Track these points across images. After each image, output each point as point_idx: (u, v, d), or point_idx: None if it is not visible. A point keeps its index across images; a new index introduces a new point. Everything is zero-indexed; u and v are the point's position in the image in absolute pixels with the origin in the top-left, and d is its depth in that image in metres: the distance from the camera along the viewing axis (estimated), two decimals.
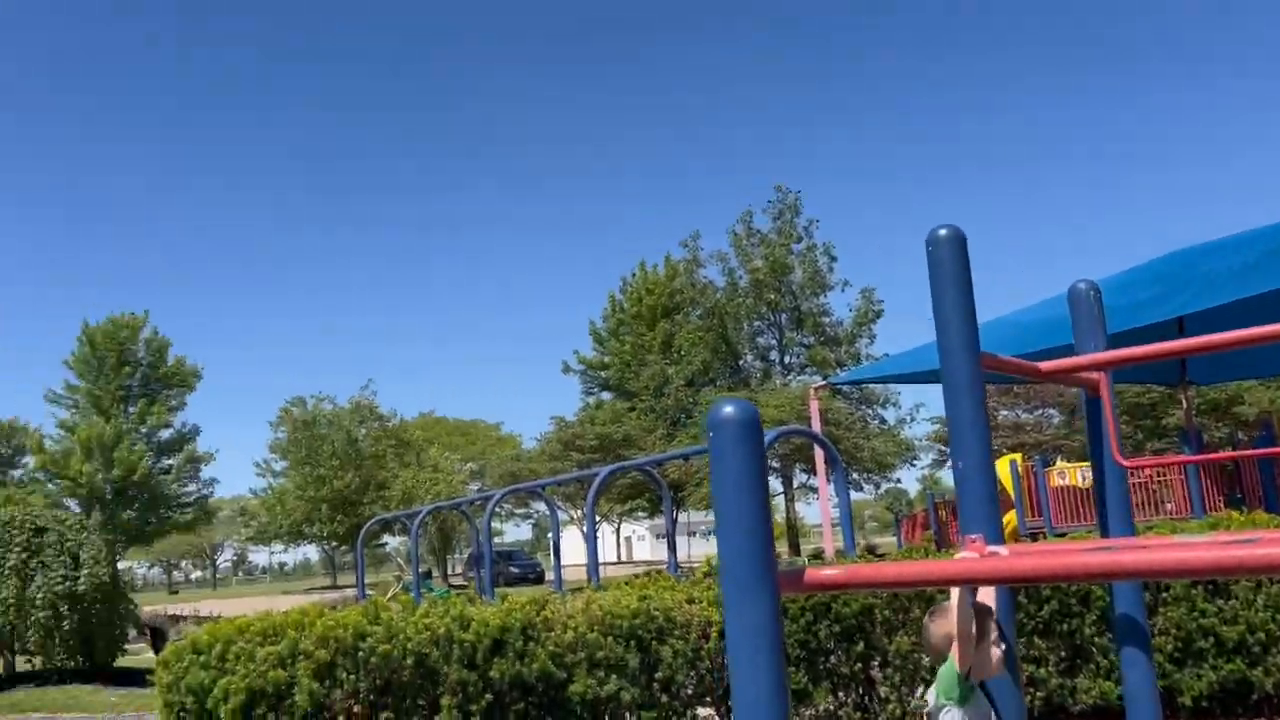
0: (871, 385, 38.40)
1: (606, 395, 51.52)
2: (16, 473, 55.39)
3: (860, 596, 6.62)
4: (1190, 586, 6.68)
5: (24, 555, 14.49)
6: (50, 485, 48.01)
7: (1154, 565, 1.98)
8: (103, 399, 48.85)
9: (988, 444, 3.38)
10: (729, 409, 2.45)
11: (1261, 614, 6.62)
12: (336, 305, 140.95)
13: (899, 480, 42.33)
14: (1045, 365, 3.97)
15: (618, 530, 66.33)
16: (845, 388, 39.56)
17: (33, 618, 14.10)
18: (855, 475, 38.78)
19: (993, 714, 2.72)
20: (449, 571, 55.44)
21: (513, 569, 46.60)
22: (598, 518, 42.23)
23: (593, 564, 17.23)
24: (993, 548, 2.83)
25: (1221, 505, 16.27)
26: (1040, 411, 41.22)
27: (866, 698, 6.72)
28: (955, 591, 2.62)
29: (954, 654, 2.63)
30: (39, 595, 14.16)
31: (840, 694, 6.72)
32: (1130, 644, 4.16)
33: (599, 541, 29.42)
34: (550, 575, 38.60)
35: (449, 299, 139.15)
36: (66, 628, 14.42)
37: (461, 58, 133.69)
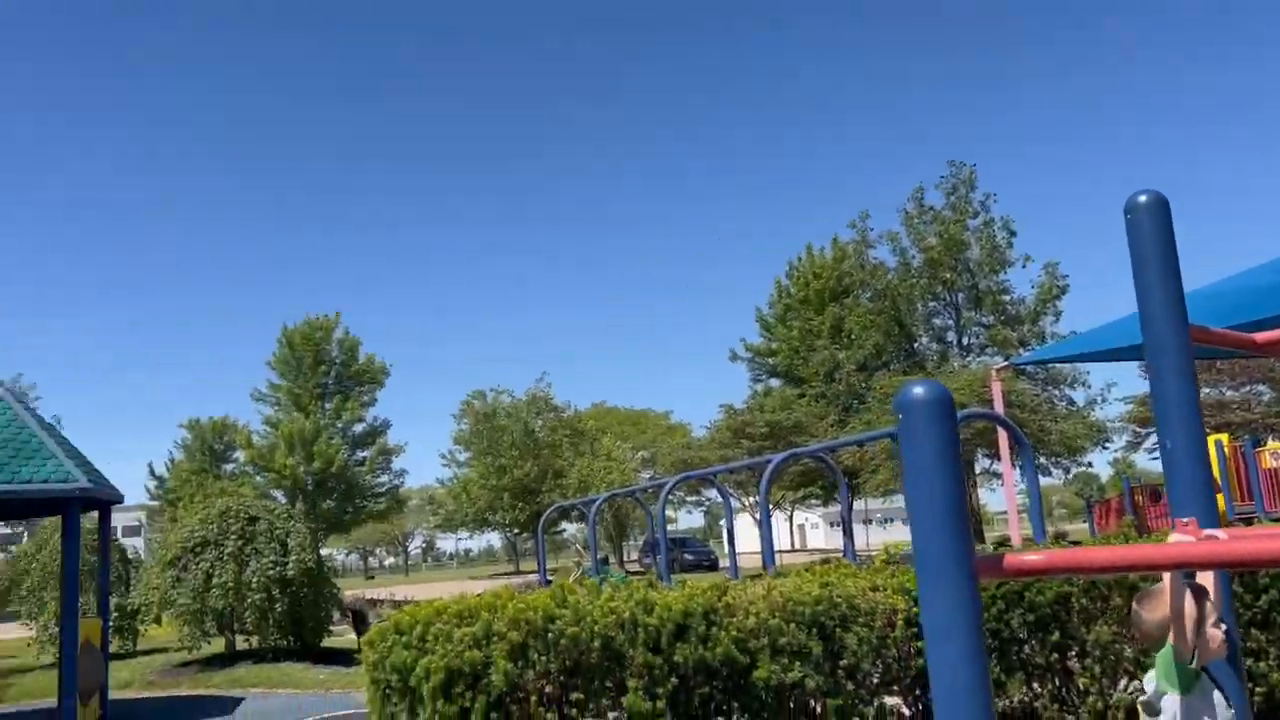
0: (1058, 365, 36.58)
1: (775, 382, 51.11)
2: (229, 466, 59.91)
3: (1055, 584, 6.34)
4: None
5: (240, 542, 15.71)
6: (258, 478, 51.74)
7: None
8: (302, 396, 52.20)
9: (1198, 422, 3.17)
10: (919, 390, 2.38)
11: None
12: (512, 302, 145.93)
13: (1089, 464, 39.97)
14: (1261, 336, 3.69)
15: (790, 518, 65.78)
16: (1029, 368, 37.82)
17: (249, 600, 15.27)
18: (1042, 459, 37.06)
19: (1220, 698, 2.55)
20: (624, 558, 56.48)
21: (687, 556, 46.96)
22: (770, 505, 42.06)
23: (768, 551, 17.17)
24: (1209, 531, 2.65)
25: None
26: (1248, 388, 38.25)
27: (1064, 689, 6.43)
28: (1168, 576, 2.47)
29: (1172, 640, 2.49)
30: (254, 579, 15.31)
31: (1035, 685, 6.47)
32: None
33: (772, 529, 29.31)
34: (724, 563, 38.72)
35: (618, 292, 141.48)
36: (278, 610, 15.55)
37: (620, 48, 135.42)
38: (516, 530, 58.43)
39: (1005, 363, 25.35)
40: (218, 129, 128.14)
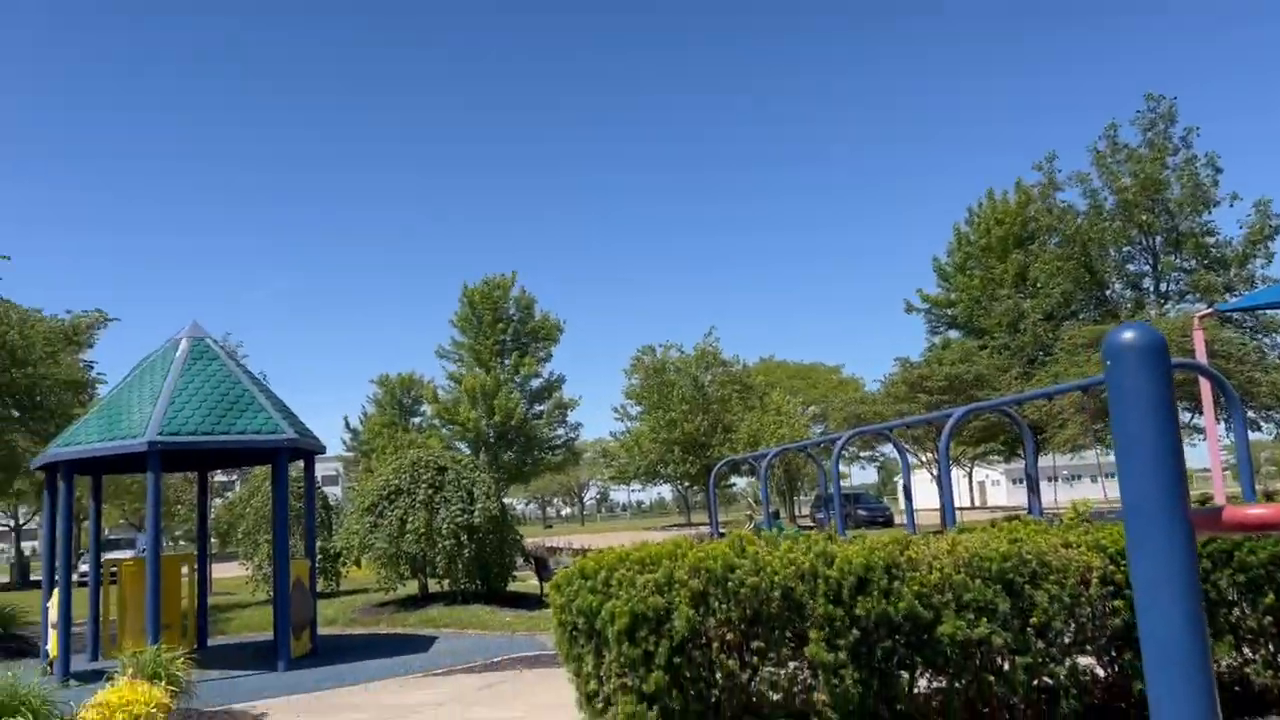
0: (1269, 311, 33.72)
1: (954, 334, 49.34)
2: (416, 419, 63.09)
3: (1270, 543, 5.92)
4: None
5: (430, 491, 16.55)
6: (444, 430, 54.26)
7: None
8: (482, 352, 54.26)
9: None
10: (1129, 334, 2.26)
11: None
12: (681, 258, 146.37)
13: None
14: None
15: (970, 474, 63.71)
16: (1236, 315, 35.02)
17: (439, 545, 16.11)
18: (1250, 413, 34.40)
19: None
20: (795, 513, 56.28)
21: (860, 512, 46.35)
22: (949, 461, 40.84)
23: (949, 507, 16.73)
24: None
25: None
26: None
27: (1278, 654, 6.01)
28: None
29: None
30: (443, 526, 16.13)
31: (1246, 650, 6.08)
32: None
33: (952, 485, 28.44)
34: (900, 519, 37.93)
35: (786, 244, 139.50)
36: (466, 555, 16.34)
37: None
38: (687, 483, 59.19)
39: (1209, 309, 23.55)
40: (407, 85, 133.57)
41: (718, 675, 5.36)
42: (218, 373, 11.72)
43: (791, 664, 5.56)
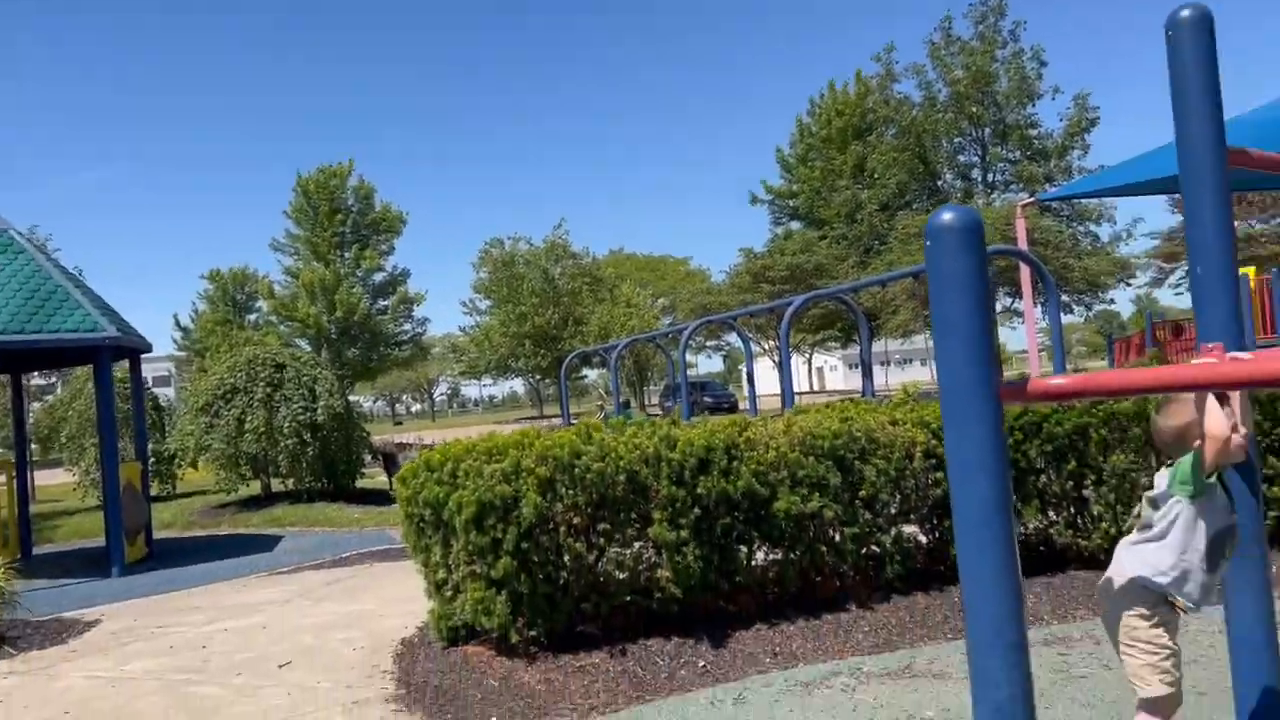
0: (1084, 201, 35.88)
1: (796, 225, 50.56)
2: (252, 317, 60.53)
3: (1074, 415, 6.40)
4: None
5: (268, 389, 16.00)
6: (282, 327, 52.31)
7: None
8: (320, 245, 52.13)
9: (1231, 247, 3.11)
10: (948, 215, 2.34)
11: None
12: (527, 149, 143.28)
13: (1111, 301, 39.78)
14: None
15: (809, 360, 66.28)
16: (1054, 205, 37.12)
17: (281, 444, 15.68)
18: (1065, 297, 36.81)
19: (1229, 507, 2.61)
20: (646, 402, 57.40)
21: (707, 399, 47.62)
22: (789, 348, 42.16)
23: (788, 391, 17.39)
24: (1234, 354, 2.64)
25: None
26: (1277, 221, 37.49)
27: (1079, 516, 6.58)
28: (1204, 399, 2.49)
29: (1206, 451, 2.54)
30: (285, 424, 15.68)
31: (1051, 512, 6.62)
32: None
33: (792, 371, 29.52)
34: (744, 405, 39.21)
35: (634, 136, 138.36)
36: (310, 453, 15.97)
37: None
38: (539, 376, 59.37)
39: (1031, 199, 24.86)
40: None
41: (566, 558, 5.48)
42: (25, 267, 10.84)
43: (637, 544, 5.73)
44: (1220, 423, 2.48)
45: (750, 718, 4.57)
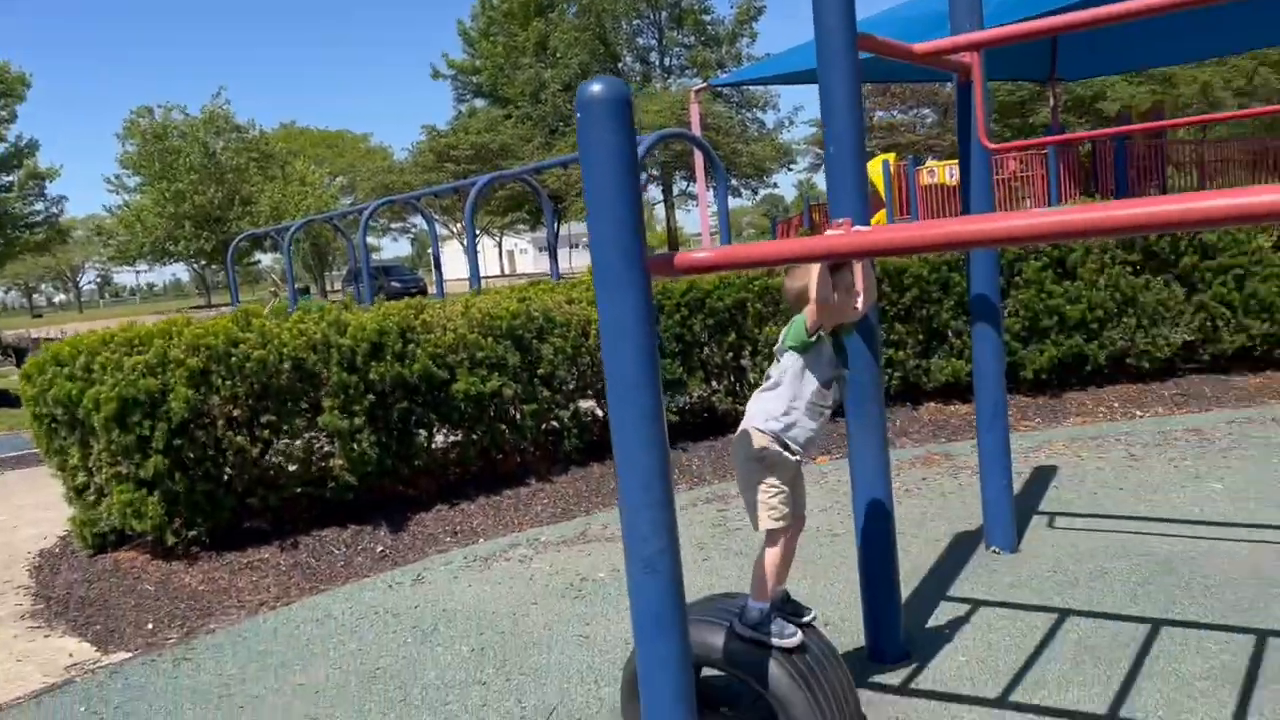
0: (752, 88, 37.79)
1: (480, 102, 49.39)
2: None
3: (734, 291, 6.81)
4: (1042, 269, 7.08)
5: None
6: None
7: (999, 232, 2.02)
8: None
9: (860, 128, 3.36)
10: (597, 86, 2.32)
11: (1102, 293, 7.11)
12: (182, 4, 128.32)
13: (776, 185, 42.87)
14: (920, 46, 3.90)
15: (499, 244, 66.03)
16: (725, 91, 38.82)
17: None
18: (734, 181, 39.00)
19: (835, 362, 2.88)
20: (327, 289, 54.87)
21: (394, 284, 46.18)
22: (478, 231, 41.56)
23: (474, 274, 17.21)
24: (859, 227, 2.87)
25: (1078, 197, 17.09)
26: (914, 111, 41.54)
27: (737, 384, 7.09)
28: (816, 266, 2.68)
29: (808, 312, 2.76)
30: None
31: (713, 382, 7.07)
32: (982, 322, 4.42)
33: (480, 255, 29.22)
34: (433, 289, 38.50)
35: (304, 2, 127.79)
36: None
37: None
38: (203, 262, 54.65)
39: (703, 84, 25.80)
40: None
41: (228, 453, 5.14)
42: None
43: (308, 434, 5.49)
44: (821, 287, 2.69)
45: (429, 596, 4.59)
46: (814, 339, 2.81)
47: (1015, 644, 3.48)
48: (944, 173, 19.13)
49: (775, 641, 2.81)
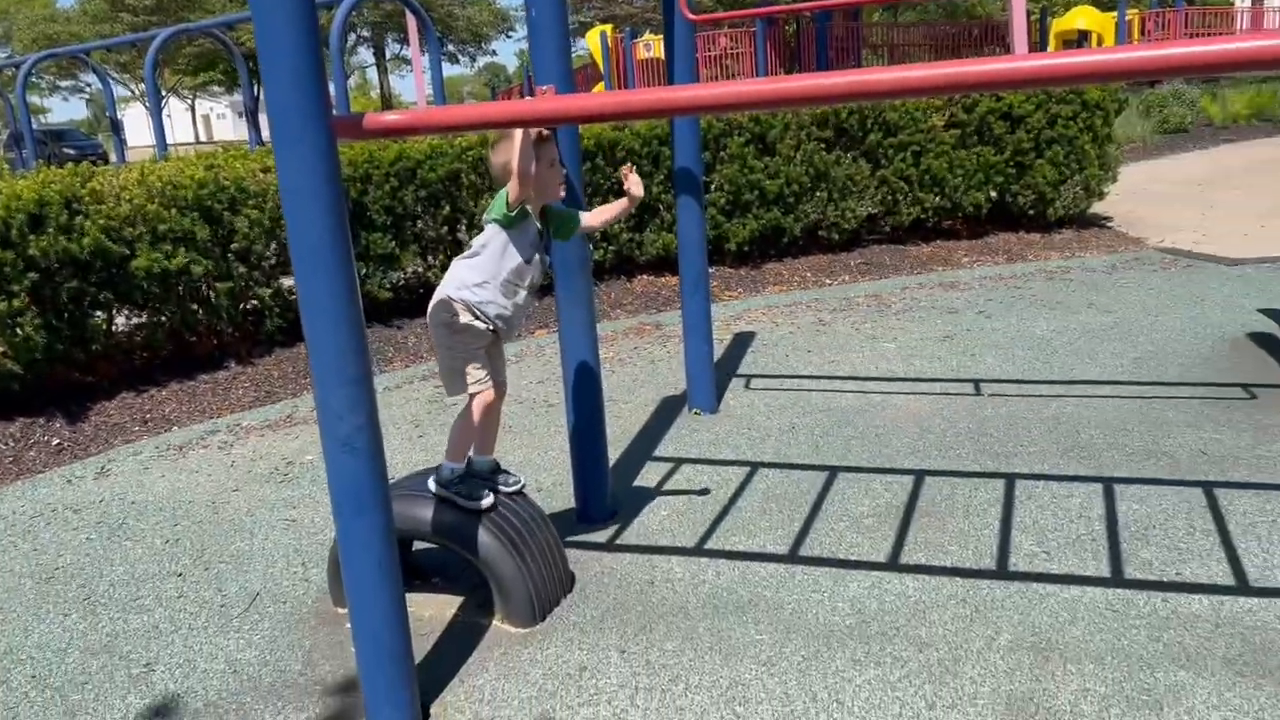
0: None
1: None
2: None
3: (446, 162, 6.60)
4: (744, 144, 7.37)
5: None
6: None
7: (691, 100, 2.05)
8: None
9: None
10: None
11: (798, 169, 7.53)
12: None
13: (495, 53, 41.65)
14: None
15: (191, 107, 60.09)
16: None
17: None
18: (451, 47, 37.48)
19: (537, 243, 2.87)
20: None
21: (68, 150, 40.95)
22: (165, 93, 37.58)
23: (160, 139, 15.61)
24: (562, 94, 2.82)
25: (783, 73, 17.88)
26: None
27: (454, 258, 6.94)
28: (519, 132, 2.62)
29: (511, 185, 2.71)
30: None
31: (429, 257, 6.89)
32: (685, 194, 4.55)
33: (169, 120, 26.45)
34: (115, 158, 34.59)
35: None
36: None
37: None
38: None
39: None
40: None
41: None
42: None
43: None
44: (523, 158, 2.64)
45: (115, 489, 4.25)
46: (516, 214, 2.76)
47: (712, 497, 3.73)
48: (660, 46, 19.33)
49: (462, 503, 2.85)
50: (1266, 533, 3.12)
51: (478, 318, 2.81)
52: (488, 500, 2.86)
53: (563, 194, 2.90)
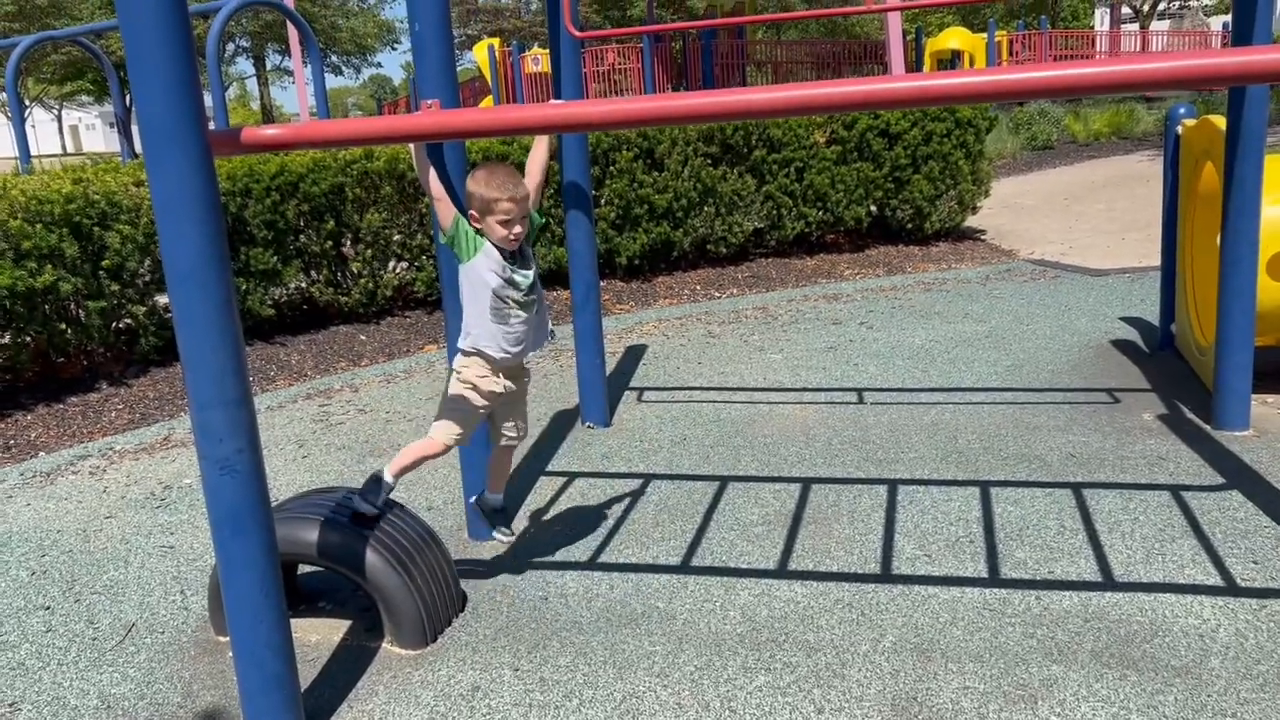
0: None
1: None
2: None
3: (330, 175, 6.47)
4: (633, 159, 7.43)
5: None
6: None
7: (575, 117, 2.07)
8: None
9: (446, 4, 3.25)
10: None
11: (686, 183, 7.63)
12: None
13: (381, 65, 40.99)
14: None
15: (58, 117, 57.38)
16: None
17: None
18: (334, 58, 36.75)
19: (504, 265, 2.76)
20: None
21: None
22: (28, 102, 35.80)
23: (23, 151, 14.88)
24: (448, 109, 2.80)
25: (670, 90, 18.11)
26: None
27: (339, 274, 6.81)
28: (412, 148, 2.62)
29: (438, 210, 2.73)
30: None
31: (313, 272, 6.73)
32: (575, 209, 4.56)
33: (33, 131, 25.20)
34: None
35: None
36: None
37: None
38: None
39: None
40: None
41: None
42: None
43: None
44: (421, 172, 2.63)
45: None
46: (454, 239, 2.73)
47: (605, 510, 3.74)
48: (548, 61, 19.35)
49: (358, 504, 2.83)
50: (1130, 530, 3.30)
51: (485, 358, 2.81)
52: (369, 510, 2.82)
53: (514, 244, 2.77)
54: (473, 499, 3.29)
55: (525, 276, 2.81)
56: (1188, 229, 5.09)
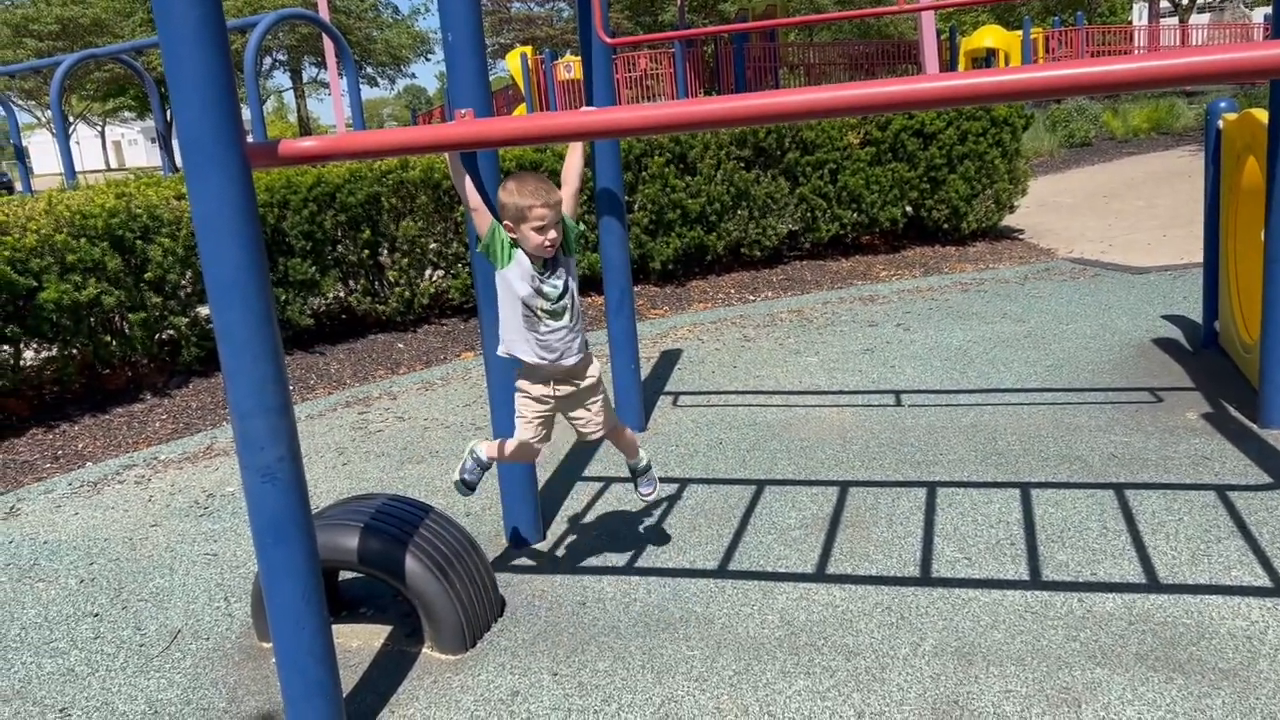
0: None
1: None
2: None
3: (366, 185, 6.54)
4: (665, 164, 7.44)
5: None
6: None
7: (605, 124, 2.08)
8: None
9: (478, 13, 3.28)
10: None
11: (719, 188, 7.62)
12: None
13: (415, 76, 41.37)
14: None
15: (101, 133, 58.49)
16: None
17: None
18: (369, 70, 37.15)
19: (533, 275, 2.76)
20: None
21: None
22: (73, 119, 36.55)
23: (67, 167, 15.18)
24: (481, 118, 2.82)
25: (702, 94, 18.11)
26: (552, 5, 41.54)
27: (376, 283, 6.88)
28: (448, 157, 2.66)
29: (474, 220, 2.76)
30: None
31: (350, 282, 6.81)
32: (608, 215, 4.57)
33: (78, 147, 25.69)
34: (20, 187, 33.48)
35: None
36: None
37: None
38: None
39: None
40: None
41: None
42: None
43: None
44: (456, 179, 2.66)
45: (25, 529, 4.10)
46: (490, 248, 2.76)
47: (642, 515, 3.74)
48: (580, 68, 19.46)
49: (456, 475, 3.09)
50: (1174, 531, 3.24)
51: (524, 363, 2.86)
52: (467, 479, 3.08)
53: (546, 252, 2.77)
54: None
55: (555, 286, 2.80)
56: (1230, 224, 5.00)
